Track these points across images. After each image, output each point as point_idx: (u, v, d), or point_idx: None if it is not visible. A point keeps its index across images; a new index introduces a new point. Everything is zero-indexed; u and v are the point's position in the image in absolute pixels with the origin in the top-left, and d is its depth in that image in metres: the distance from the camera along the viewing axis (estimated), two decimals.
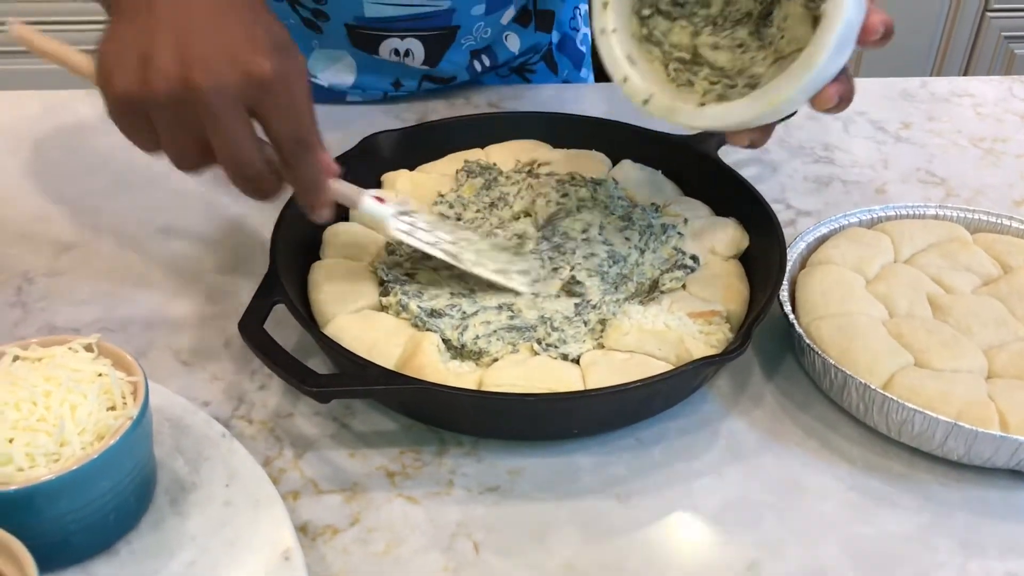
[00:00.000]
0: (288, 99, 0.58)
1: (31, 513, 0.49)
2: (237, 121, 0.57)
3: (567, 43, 1.11)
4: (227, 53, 0.56)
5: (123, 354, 0.55)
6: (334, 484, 0.62)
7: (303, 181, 0.62)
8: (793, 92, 0.61)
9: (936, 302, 0.71)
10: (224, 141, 0.57)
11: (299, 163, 0.60)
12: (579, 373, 0.65)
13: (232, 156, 0.58)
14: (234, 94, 0.56)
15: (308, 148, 0.60)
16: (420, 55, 0.97)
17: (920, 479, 0.64)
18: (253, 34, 0.58)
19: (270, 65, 0.56)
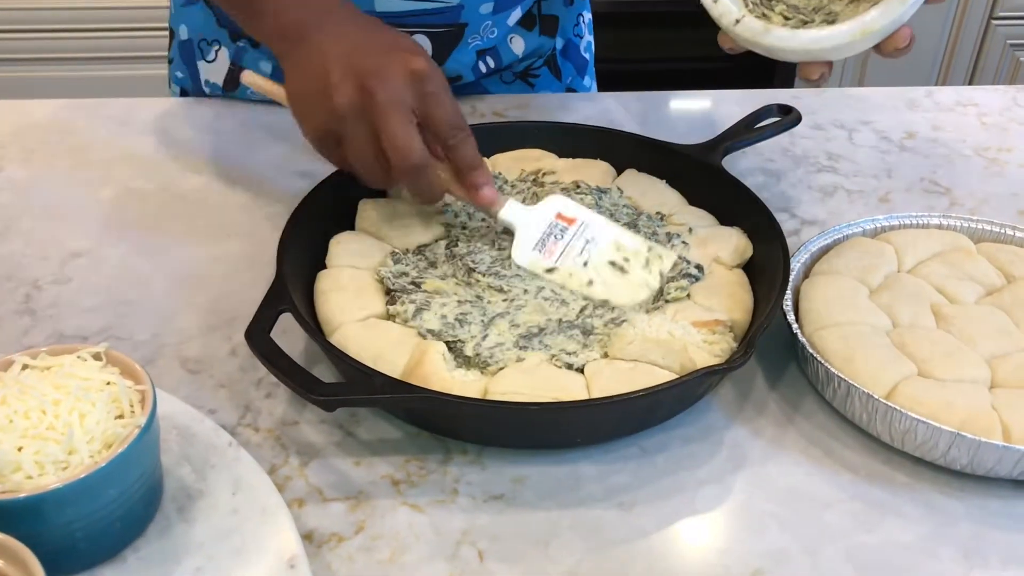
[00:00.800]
0: (442, 89, 0.69)
1: (40, 520, 0.50)
2: (405, 117, 0.67)
3: (571, 49, 1.12)
4: (389, 60, 0.68)
5: (131, 363, 0.56)
6: (339, 492, 0.63)
7: (465, 160, 0.71)
8: (887, 22, 0.67)
9: (939, 312, 0.72)
10: (393, 134, 0.67)
11: (460, 143, 0.71)
12: (583, 382, 0.65)
13: (401, 147, 0.67)
14: (402, 92, 0.67)
15: (464, 128, 0.71)
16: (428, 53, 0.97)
17: (923, 488, 0.64)
18: (399, 43, 0.71)
19: (424, 61, 0.69)
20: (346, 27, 0.73)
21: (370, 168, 0.70)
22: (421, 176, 0.70)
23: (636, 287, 0.73)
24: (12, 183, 0.92)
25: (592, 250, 0.74)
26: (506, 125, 0.95)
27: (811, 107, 1.05)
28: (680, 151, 0.86)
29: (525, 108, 1.04)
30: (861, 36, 0.68)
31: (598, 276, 0.73)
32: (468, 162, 0.72)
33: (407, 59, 0.68)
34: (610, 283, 0.73)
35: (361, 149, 0.69)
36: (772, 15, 0.73)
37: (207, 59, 1.03)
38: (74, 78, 2.24)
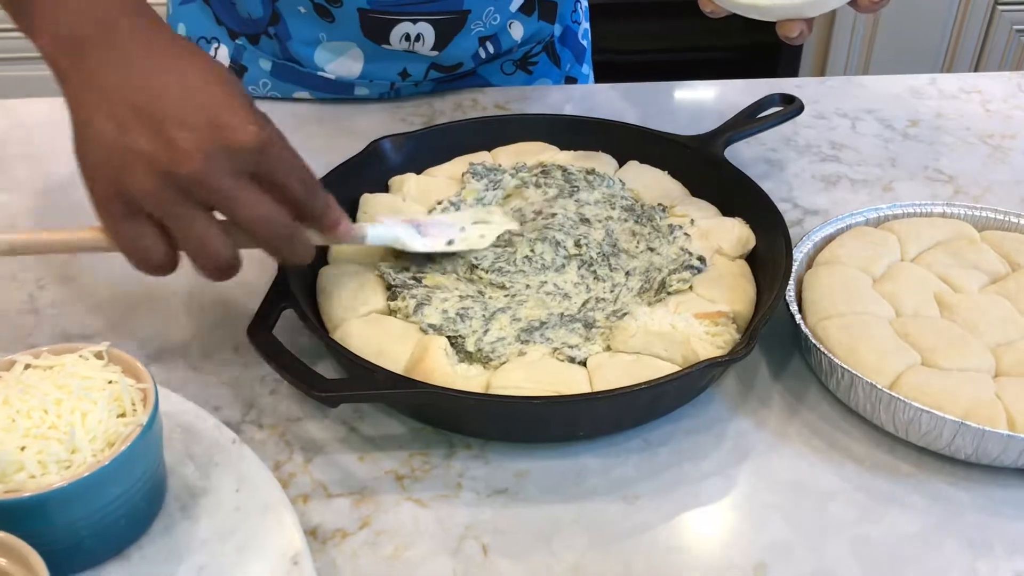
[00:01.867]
0: (284, 154, 0.60)
1: (43, 520, 0.50)
2: (250, 192, 0.57)
3: (569, 36, 1.12)
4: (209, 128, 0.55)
5: (133, 361, 0.56)
6: (343, 488, 0.63)
7: (318, 207, 0.63)
8: None
9: (943, 301, 0.71)
10: (246, 213, 0.57)
11: (312, 199, 0.62)
12: (586, 375, 0.65)
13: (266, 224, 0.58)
14: (233, 167, 0.56)
15: (312, 178, 0.62)
16: (430, 40, 0.97)
17: (928, 478, 0.64)
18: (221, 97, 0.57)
19: (256, 128, 0.57)
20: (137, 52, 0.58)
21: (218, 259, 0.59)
22: (293, 243, 0.61)
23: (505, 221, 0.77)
24: (14, 182, 0.92)
25: (457, 224, 0.75)
26: (507, 118, 0.95)
27: (814, 96, 1.04)
28: (682, 142, 0.86)
29: (526, 100, 1.04)
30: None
31: (479, 232, 0.75)
32: (320, 208, 0.63)
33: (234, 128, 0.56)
34: (490, 229, 0.75)
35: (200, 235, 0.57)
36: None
37: None
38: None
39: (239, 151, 0.56)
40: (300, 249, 0.62)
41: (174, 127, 0.55)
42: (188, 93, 0.57)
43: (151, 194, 0.55)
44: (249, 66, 1.02)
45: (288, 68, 1.01)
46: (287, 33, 0.98)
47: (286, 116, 1.00)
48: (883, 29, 2.15)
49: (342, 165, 0.81)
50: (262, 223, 0.58)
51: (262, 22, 0.99)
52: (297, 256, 0.63)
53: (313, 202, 0.62)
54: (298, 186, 0.60)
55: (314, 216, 0.63)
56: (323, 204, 0.63)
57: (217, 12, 1.01)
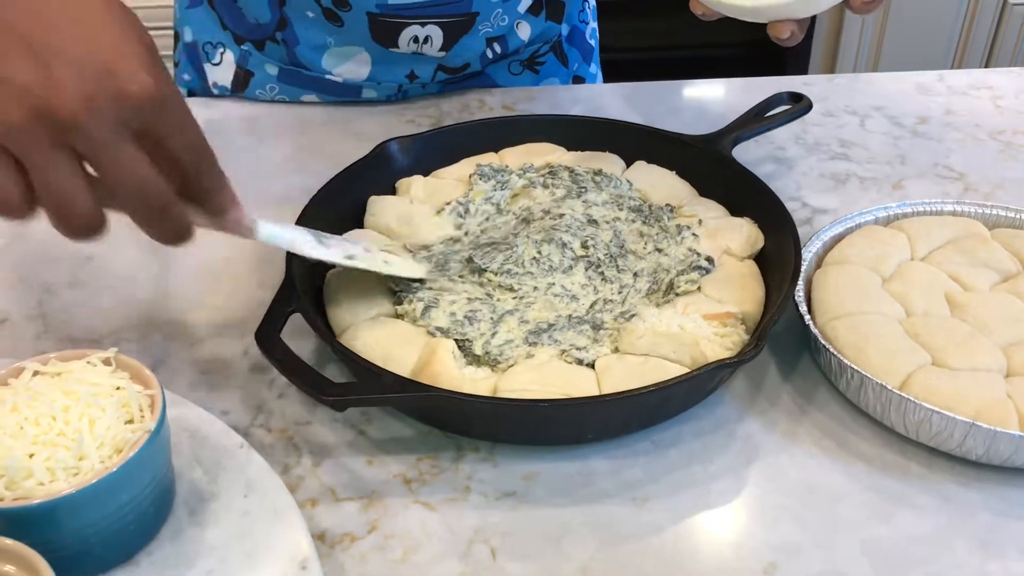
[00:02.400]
0: (178, 113, 0.53)
1: (52, 527, 0.50)
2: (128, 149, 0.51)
3: (576, 35, 1.11)
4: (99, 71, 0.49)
5: (140, 367, 0.56)
6: (352, 492, 0.63)
7: (209, 185, 0.57)
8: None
9: (954, 300, 0.71)
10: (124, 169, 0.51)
11: (202, 168, 0.55)
12: (594, 377, 0.65)
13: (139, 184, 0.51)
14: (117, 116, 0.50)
15: (205, 150, 0.55)
16: (438, 42, 0.97)
17: (938, 479, 0.63)
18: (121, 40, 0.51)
19: (153, 81, 0.50)
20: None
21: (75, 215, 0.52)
22: (166, 218, 0.54)
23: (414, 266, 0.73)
24: None
25: (363, 246, 0.72)
26: (514, 119, 0.95)
27: (822, 94, 1.04)
28: (689, 142, 0.86)
29: (533, 101, 1.04)
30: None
31: (386, 257, 0.72)
32: (212, 186, 0.57)
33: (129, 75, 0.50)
34: (395, 261, 0.72)
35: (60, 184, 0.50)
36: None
37: (212, 62, 1.03)
38: None
39: (127, 101, 0.50)
40: (172, 226, 0.55)
41: (60, 62, 0.49)
42: (84, 29, 0.51)
43: (16, 129, 0.49)
44: (255, 71, 1.02)
45: (295, 73, 1.01)
46: (295, 38, 0.98)
47: (292, 119, 1.02)
48: (893, 26, 2.14)
49: (349, 168, 0.81)
50: (132, 186, 0.51)
51: (269, 27, 0.99)
52: (168, 233, 0.55)
53: (202, 177, 0.56)
54: (187, 154, 0.54)
55: (201, 194, 0.56)
56: (214, 183, 0.57)
57: (223, 17, 1.02)
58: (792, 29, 0.69)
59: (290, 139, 0.98)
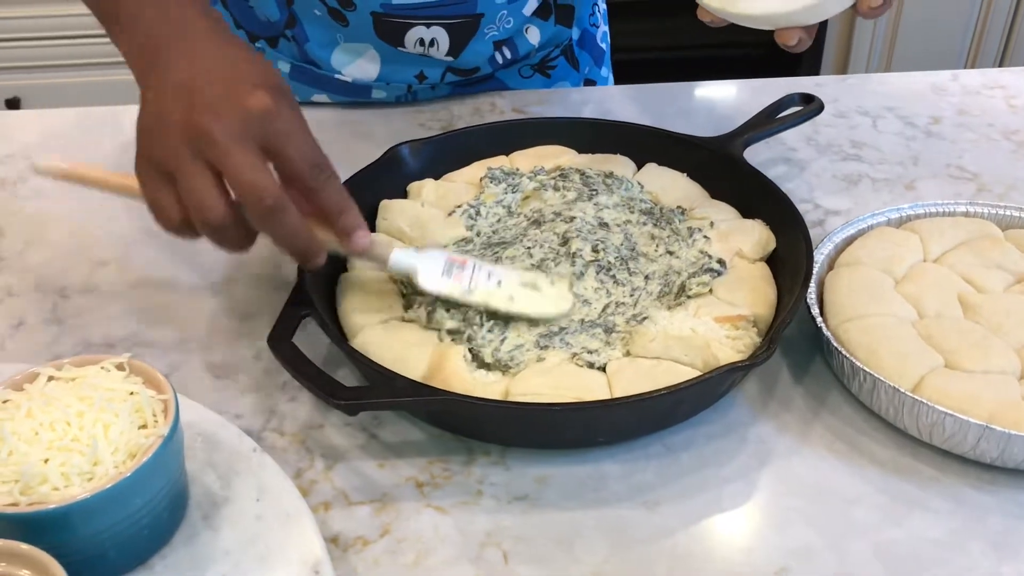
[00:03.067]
0: (294, 125, 0.61)
1: (67, 531, 0.50)
2: (250, 153, 0.58)
3: (587, 39, 1.11)
4: (228, 92, 0.59)
5: (154, 372, 0.56)
6: (364, 495, 0.63)
7: (331, 203, 0.63)
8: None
9: (967, 301, 0.71)
10: (238, 170, 0.58)
11: (324, 184, 0.62)
12: (605, 381, 0.65)
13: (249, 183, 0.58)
14: (242, 127, 0.58)
15: (328, 169, 0.62)
16: (445, 45, 0.97)
17: (952, 482, 0.63)
18: (248, 72, 0.61)
19: (266, 96, 0.59)
20: (200, 48, 0.64)
21: (209, 213, 0.59)
22: (278, 219, 0.60)
23: (557, 299, 0.70)
24: (39, 193, 0.93)
25: (499, 277, 0.70)
26: (525, 122, 0.95)
27: (834, 94, 1.04)
28: (701, 143, 0.86)
29: (544, 104, 1.04)
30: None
31: (517, 293, 0.69)
32: (335, 205, 0.63)
33: (248, 93, 0.59)
34: (532, 298, 0.69)
35: (197, 188, 0.59)
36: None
37: None
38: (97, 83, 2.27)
39: (247, 114, 0.58)
40: (290, 231, 0.61)
41: (200, 97, 0.59)
42: (221, 72, 0.61)
43: (169, 151, 0.59)
44: None
45: (306, 71, 1.01)
46: (304, 36, 0.98)
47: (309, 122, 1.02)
48: (906, 26, 2.13)
49: (361, 171, 0.82)
50: (248, 185, 0.58)
51: (279, 25, 0.99)
52: (289, 240, 0.61)
53: (323, 192, 0.62)
54: (305, 165, 0.60)
55: (327, 211, 0.63)
56: (337, 200, 0.63)
57: (236, 16, 1.02)
58: (800, 36, 0.69)
59: None
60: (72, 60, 2.25)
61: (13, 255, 0.85)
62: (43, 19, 2.19)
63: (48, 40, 2.22)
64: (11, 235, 0.87)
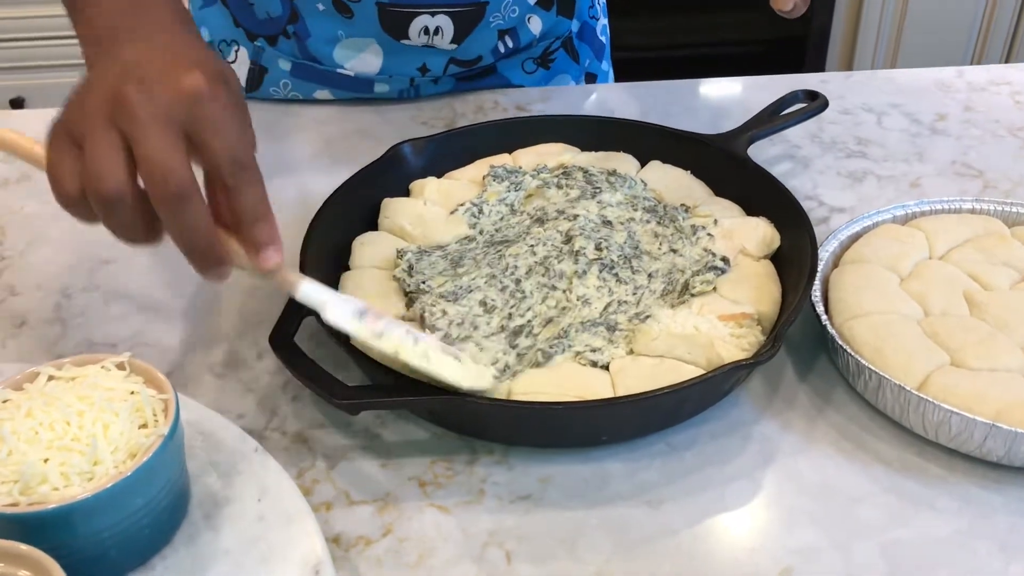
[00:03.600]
0: (223, 115, 0.55)
1: (67, 532, 0.50)
2: (169, 134, 0.53)
3: (587, 31, 1.12)
4: (165, 69, 0.55)
5: (154, 371, 0.56)
6: (366, 495, 0.63)
7: (248, 207, 0.56)
8: None
9: (973, 299, 0.70)
10: (150, 147, 0.53)
11: (243, 185, 0.55)
12: (608, 379, 0.65)
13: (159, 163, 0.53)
14: (170, 107, 0.54)
15: (249, 169, 0.56)
16: (449, 33, 0.98)
17: (958, 481, 0.62)
18: (192, 57, 0.57)
19: (204, 80, 0.54)
20: (154, 37, 0.60)
21: (104, 183, 0.53)
22: (180, 208, 0.53)
23: (477, 372, 0.64)
24: (42, 192, 0.92)
25: (416, 335, 0.63)
26: (528, 120, 0.94)
27: (839, 91, 1.03)
28: (705, 141, 0.85)
29: (547, 101, 1.04)
30: None
31: (433, 355, 0.62)
32: (251, 212, 0.56)
33: (185, 72, 0.55)
34: (448, 363, 0.62)
35: (99, 156, 0.53)
36: None
37: (227, 60, 1.03)
38: None
39: (176, 93, 0.54)
40: (190, 221, 0.54)
41: (135, 72, 0.55)
42: (168, 56, 0.57)
43: (84, 117, 0.55)
44: (269, 67, 1.02)
45: (308, 67, 1.01)
46: (306, 31, 0.99)
47: (306, 121, 1.02)
48: (911, 22, 2.13)
49: (363, 170, 0.81)
50: (154, 164, 0.53)
51: (281, 20, 0.99)
52: (185, 230, 0.55)
53: (241, 194, 0.56)
54: (226, 162, 0.55)
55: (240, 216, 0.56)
56: (254, 206, 0.56)
57: (235, 14, 1.02)
58: (795, 1, 0.71)
59: (303, 142, 0.98)
60: (76, 60, 2.25)
61: (15, 254, 0.85)
62: (47, 19, 2.20)
63: (52, 40, 2.23)
64: (13, 234, 0.87)
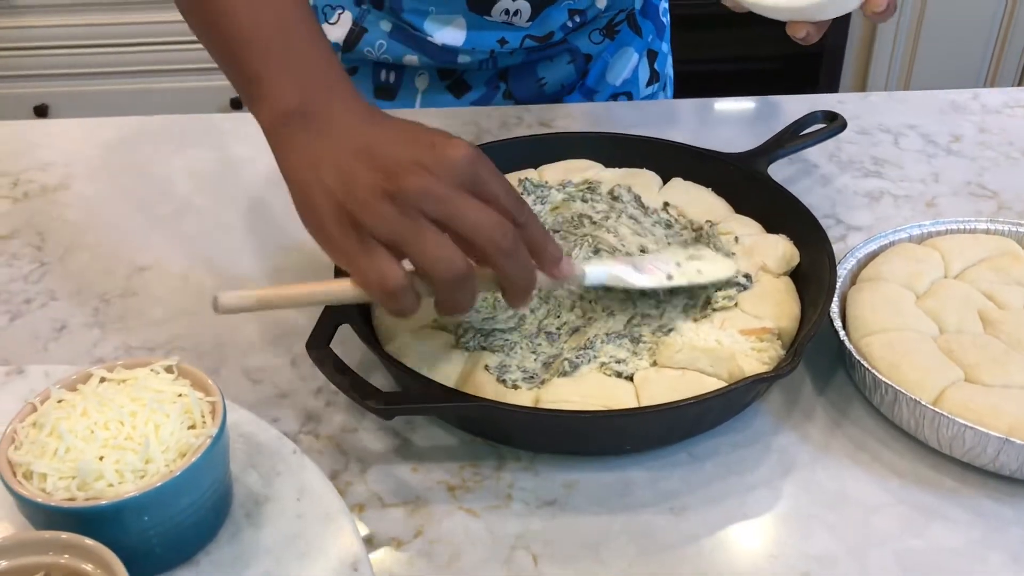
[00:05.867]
0: (493, 167, 0.60)
1: (120, 526, 0.52)
2: (472, 200, 0.58)
3: (650, 9, 1.17)
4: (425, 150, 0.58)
5: (201, 375, 0.58)
6: (398, 497, 0.65)
7: (538, 236, 0.62)
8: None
9: (987, 317, 0.72)
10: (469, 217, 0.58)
11: (529, 220, 0.61)
12: (632, 390, 0.67)
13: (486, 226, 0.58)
14: (452, 176, 0.58)
15: (527, 205, 0.62)
16: (527, 14, 1.04)
17: (972, 493, 0.64)
18: (428, 131, 0.61)
19: (466, 145, 0.59)
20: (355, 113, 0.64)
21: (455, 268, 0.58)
22: (518, 254, 0.60)
23: (725, 261, 0.76)
24: (80, 199, 0.96)
25: (669, 259, 0.74)
26: (552, 136, 0.97)
27: (856, 111, 1.05)
28: (726, 159, 0.87)
29: (571, 117, 1.06)
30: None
31: (696, 265, 0.74)
32: (541, 238, 0.62)
33: (445, 144, 0.59)
34: (709, 265, 0.75)
35: (433, 246, 0.57)
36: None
37: (329, 21, 1.09)
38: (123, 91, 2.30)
39: (456, 163, 0.58)
40: (524, 262, 0.60)
41: (391, 158, 0.58)
42: (399, 135, 0.61)
43: (383, 217, 0.57)
44: (370, 28, 1.08)
45: (404, 31, 1.07)
46: (400, 5, 1.05)
47: None
48: (925, 43, 2.15)
49: None
50: (486, 227, 0.58)
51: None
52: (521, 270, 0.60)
53: (529, 224, 0.61)
54: (508, 199, 0.60)
55: (534, 243, 0.62)
56: (539, 229, 0.62)
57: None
58: (808, 30, 0.73)
59: None
60: (99, 68, 2.29)
61: (55, 260, 0.88)
62: (71, 28, 2.24)
63: (75, 49, 2.27)
64: (53, 241, 0.90)
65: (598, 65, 1.15)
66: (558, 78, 1.13)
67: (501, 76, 1.12)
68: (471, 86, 1.12)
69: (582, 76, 1.15)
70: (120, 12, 2.22)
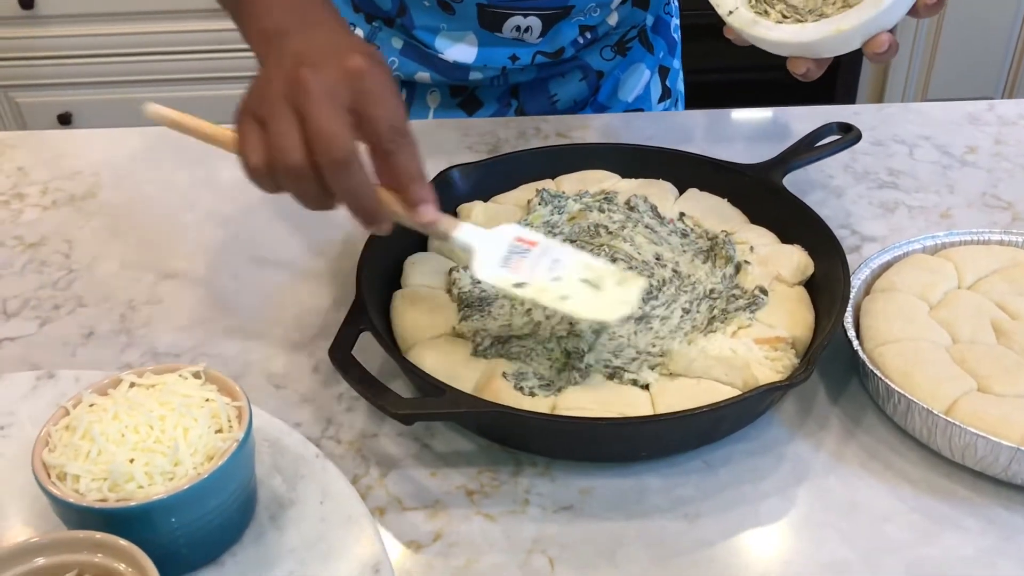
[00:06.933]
0: (383, 88, 0.63)
1: (148, 527, 0.54)
2: (334, 107, 0.61)
3: (661, 26, 1.18)
4: (330, 53, 0.63)
5: (228, 380, 0.60)
6: (417, 502, 0.66)
7: (402, 168, 0.64)
8: (858, 23, 0.71)
9: (1000, 328, 0.73)
10: (319, 119, 0.60)
11: (399, 149, 0.63)
12: (648, 398, 0.68)
13: (326, 133, 0.60)
14: (335, 84, 0.61)
15: (406, 134, 0.63)
16: (537, 31, 1.06)
17: (984, 502, 0.65)
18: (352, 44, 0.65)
19: (362, 59, 0.62)
20: (318, 32, 0.68)
21: (287, 156, 0.61)
22: (346, 172, 0.61)
23: (614, 304, 0.68)
24: (106, 208, 0.98)
25: (561, 269, 0.68)
26: (569, 147, 0.98)
27: (871, 123, 1.06)
28: (742, 170, 0.88)
29: (587, 128, 1.07)
30: (834, 34, 0.72)
31: (572, 291, 0.67)
32: (406, 172, 0.64)
33: (347, 56, 0.63)
34: (586, 299, 0.67)
35: (281, 131, 0.61)
36: (771, 11, 0.77)
37: None
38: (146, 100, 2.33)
39: (342, 72, 0.62)
40: (355, 184, 0.62)
41: (307, 58, 0.63)
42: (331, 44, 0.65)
43: (265, 99, 0.63)
44: (381, 45, 1.11)
45: (415, 48, 1.09)
46: (412, 22, 1.07)
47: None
48: (942, 54, 2.15)
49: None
50: (322, 133, 0.60)
51: (391, 13, 1.08)
52: (350, 191, 0.62)
53: (399, 157, 0.63)
54: (386, 129, 0.62)
55: (398, 177, 0.64)
56: (411, 168, 0.64)
57: (356, 1, 1.11)
58: (808, 67, 0.75)
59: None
60: (122, 77, 2.32)
61: (82, 267, 0.89)
62: (94, 37, 2.27)
63: (98, 58, 2.30)
64: (80, 248, 0.92)
65: (610, 82, 1.16)
66: (570, 95, 1.14)
67: (513, 93, 1.14)
68: (483, 103, 1.14)
69: (594, 92, 1.16)
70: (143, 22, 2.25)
